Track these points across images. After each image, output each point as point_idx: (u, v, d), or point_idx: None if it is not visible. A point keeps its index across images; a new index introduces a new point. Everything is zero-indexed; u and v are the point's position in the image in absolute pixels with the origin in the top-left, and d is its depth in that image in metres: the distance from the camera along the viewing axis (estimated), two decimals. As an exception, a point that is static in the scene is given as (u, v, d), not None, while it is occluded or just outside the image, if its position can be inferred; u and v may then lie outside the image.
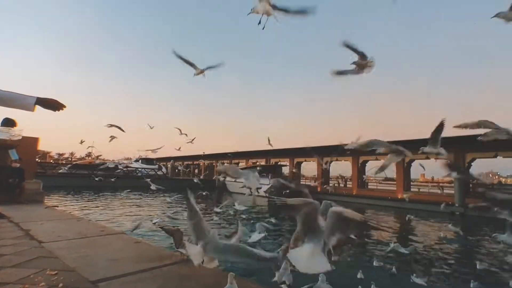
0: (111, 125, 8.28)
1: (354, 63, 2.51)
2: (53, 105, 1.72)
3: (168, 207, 13.31)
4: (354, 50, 2.44)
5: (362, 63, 2.48)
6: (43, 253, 2.34)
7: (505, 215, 1.84)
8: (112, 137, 11.93)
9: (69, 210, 10.19)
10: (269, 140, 14.99)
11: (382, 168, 2.82)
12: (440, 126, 2.39)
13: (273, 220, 8.93)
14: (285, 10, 2.29)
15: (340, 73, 2.58)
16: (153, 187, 13.11)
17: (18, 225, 3.38)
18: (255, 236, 3.41)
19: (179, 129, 12.42)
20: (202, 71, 4.08)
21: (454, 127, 2.54)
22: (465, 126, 2.47)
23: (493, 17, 2.34)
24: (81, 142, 12.09)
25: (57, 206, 5.38)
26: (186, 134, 12.71)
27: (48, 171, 25.06)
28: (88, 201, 14.70)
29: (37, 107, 1.68)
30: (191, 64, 4.04)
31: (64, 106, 1.75)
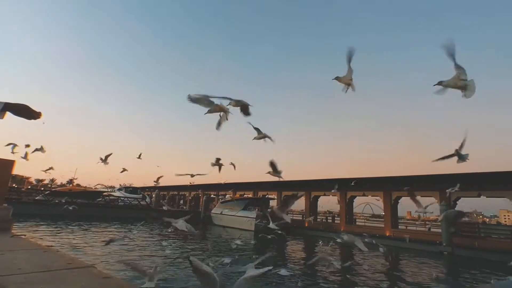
0: (216, 163, 5.46)
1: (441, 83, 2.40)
2: (26, 112, 1.57)
3: (147, 239, 12.61)
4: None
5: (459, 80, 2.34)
6: (-6, 288, 2.07)
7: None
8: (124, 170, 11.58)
9: (39, 239, 9.50)
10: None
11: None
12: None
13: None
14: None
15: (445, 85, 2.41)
16: (165, 207, 16.84)
17: (-26, 255, 3.05)
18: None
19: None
20: (193, 175, 6.96)
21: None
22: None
23: (435, 85, 2.39)
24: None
25: (25, 235, 4.96)
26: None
27: (24, 197, 23.80)
28: (62, 230, 13.80)
29: (8, 114, 1.53)
30: (191, 176, 7.09)
31: (40, 114, 1.61)
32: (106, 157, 8.32)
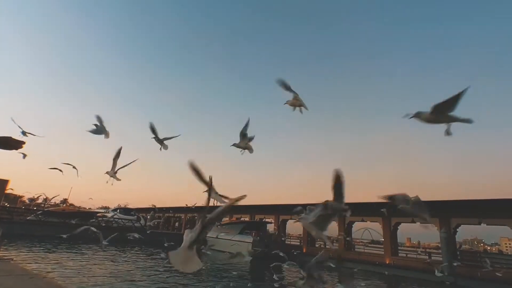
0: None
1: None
2: (8, 143, 1.54)
3: (140, 264, 12.19)
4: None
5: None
6: (-27, 319, 1.95)
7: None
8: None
9: (28, 263, 9.15)
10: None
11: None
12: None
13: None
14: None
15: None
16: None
17: (-44, 281, 2.91)
18: None
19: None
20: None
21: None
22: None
23: (411, 117, 2.13)
24: None
25: (12, 259, 4.78)
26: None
27: (16, 217, 23.16)
28: (52, 253, 13.32)
29: None
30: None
31: (22, 143, 1.59)
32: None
